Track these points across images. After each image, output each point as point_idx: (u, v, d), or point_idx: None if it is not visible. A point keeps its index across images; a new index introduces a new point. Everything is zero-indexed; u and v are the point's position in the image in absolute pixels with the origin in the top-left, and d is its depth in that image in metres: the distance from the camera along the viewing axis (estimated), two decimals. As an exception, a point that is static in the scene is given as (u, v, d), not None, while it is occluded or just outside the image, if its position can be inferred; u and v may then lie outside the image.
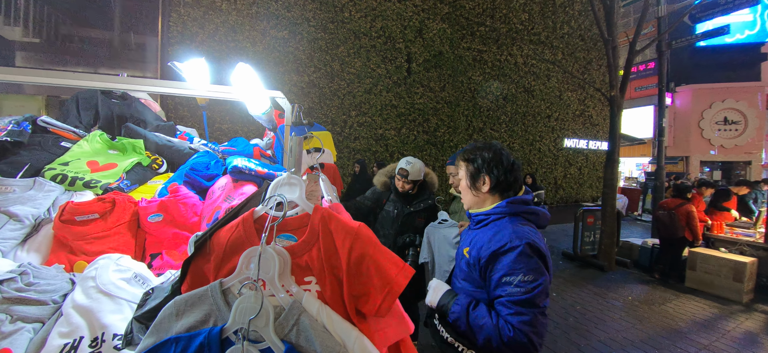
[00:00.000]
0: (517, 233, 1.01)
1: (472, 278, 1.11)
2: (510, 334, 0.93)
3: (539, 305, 0.95)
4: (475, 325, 0.99)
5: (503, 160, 1.13)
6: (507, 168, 1.12)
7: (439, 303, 1.12)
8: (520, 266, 0.96)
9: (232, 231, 0.57)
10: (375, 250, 0.54)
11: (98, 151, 1.29)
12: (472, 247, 1.10)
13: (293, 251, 0.54)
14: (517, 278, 0.96)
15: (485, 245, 1.04)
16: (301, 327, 0.46)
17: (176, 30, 6.11)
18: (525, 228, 1.04)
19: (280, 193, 0.56)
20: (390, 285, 0.53)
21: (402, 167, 2.16)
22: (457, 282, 1.19)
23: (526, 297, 0.94)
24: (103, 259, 0.76)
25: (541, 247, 1.01)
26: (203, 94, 1.00)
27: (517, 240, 0.99)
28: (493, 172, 1.12)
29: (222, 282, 0.51)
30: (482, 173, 1.14)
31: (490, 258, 1.02)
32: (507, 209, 1.09)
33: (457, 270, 1.21)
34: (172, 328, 0.52)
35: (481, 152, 1.15)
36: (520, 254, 0.97)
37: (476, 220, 1.17)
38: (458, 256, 1.22)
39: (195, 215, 1.04)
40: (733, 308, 4.09)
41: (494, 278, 1.00)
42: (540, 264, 0.98)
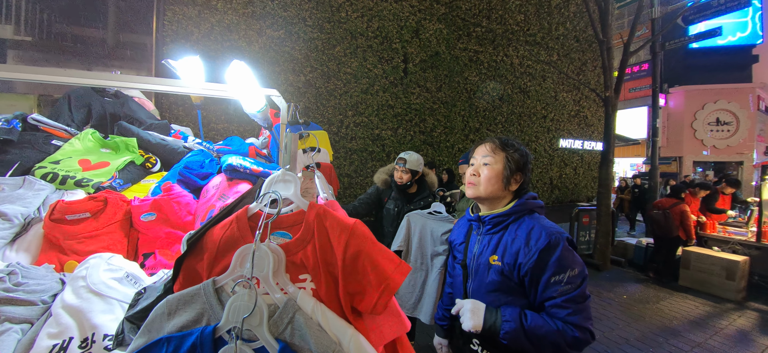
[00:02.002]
0: (550, 230, 0.98)
1: (506, 287, 1.02)
2: (575, 334, 0.90)
3: (588, 295, 0.94)
4: (535, 336, 0.92)
5: (530, 163, 1.11)
6: (530, 171, 1.12)
7: (486, 324, 0.99)
8: (566, 262, 0.94)
9: (226, 229, 0.56)
10: (371, 247, 0.54)
11: (90, 149, 1.27)
12: (504, 253, 1.02)
13: (288, 248, 0.53)
14: (566, 275, 0.93)
15: (524, 248, 0.98)
16: (295, 325, 0.45)
17: (171, 29, 6.06)
18: (550, 222, 1.03)
19: (274, 190, 0.55)
20: (386, 282, 0.52)
21: (401, 156, 2.19)
22: (483, 295, 1.07)
23: (578, 291, 0.92)
24: (94, 258, 0.74)
25: (569, 243, 0.99)
26: (198, 92, 0.99)
27: (556, 236, 0.96)
28: (526, 174, 1.09)
29: (215, 280, 0.51)
30: (519, 172, 1.08)
31: (537, 261, 0.95)
32: (528, 207, 1.05)
33: (481, 281, 1.08)
34: (163, 328, 0.51)
35: (520, 149, 1.10)
36: (563, 250, 0.94)
37: (493, 223, 1.08)
38: (477, 266, 1.09)
39: (189, 214, 1.03)
40: (726, 306, 4.14)
41: (542, 279, 0.95)
42: (577, 254, 0.98)
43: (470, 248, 1.15)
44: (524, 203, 1.05)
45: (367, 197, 2.33)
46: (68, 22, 6.69)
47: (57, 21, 6.68)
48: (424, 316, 1.71)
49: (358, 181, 6.63)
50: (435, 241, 1.74)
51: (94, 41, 6.70)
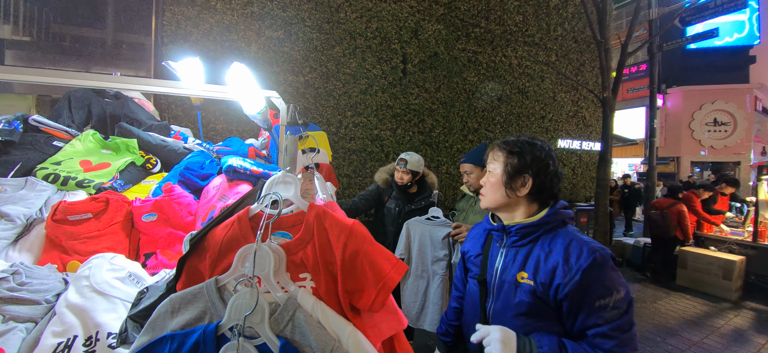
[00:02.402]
0: (592, 245, 0.85)
1: (539, 311, 0.88)
2: None
3: (633, 320, 0.82)
4: None
5: (551, 165, 0.96)
6: (553, 174, 0.95)
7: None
8: (611, 283, 0.81)
9: (228, 229, 0.57)
10: (369, 246, 0.55)
11: (91, 150, 1.28)
12: (536, 271, 0.89)
13: (288, 248, 0.55)
14: (612, 299, 0.80)
15: (563, 266, 0.84)
16: (296, 322, 0.47)
17: (170, 29, 6.05)
18: (588, 238, 0.90)
19: (275, 191, 0.56)
20: (384, 280, 0.53)
21: (401, 157, 2.21)
22: (508, 320, 0.92)
23: (625, 318, 0.80)
24: (97, 258, 0.75)
25: (613, 265, 0.86)
26: (198, 93, 1.00)
27: (600, 253, 0.83)
28: (540, 175, 0.94)
29: (217, 279, 0.52)
30: (526, 173, 0.95)
31: (580, 282, 0.82)
32: (559, 217, 0.93)
33: (507, 302, 0.93)
34: (167, 326, 0.53)
35: (531, 148, 0.96)
36: (608, 269, 0.83)
37: (522, 233, 0.94)
38: (501, 284, 0.95)
39: (190, 214, 1.04)
40: (723, 305, 4.17)
41: (586, 304, 0.82)
42: (619, 273, 0.85)
43: (490, 262, 0.99)
44: (557, 213, 0.93)
45: (367, 194, 2.34)
46: (67, 22, 6.68)
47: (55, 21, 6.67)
48: (428, 325, 1.72)
49: (356, 181, 6.64)
50: (435, 246, 1.75)
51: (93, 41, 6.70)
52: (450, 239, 1.71)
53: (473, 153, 1.98)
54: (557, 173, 0.97)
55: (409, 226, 1.86)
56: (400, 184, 2.18)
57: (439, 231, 1.75)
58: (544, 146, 0.99)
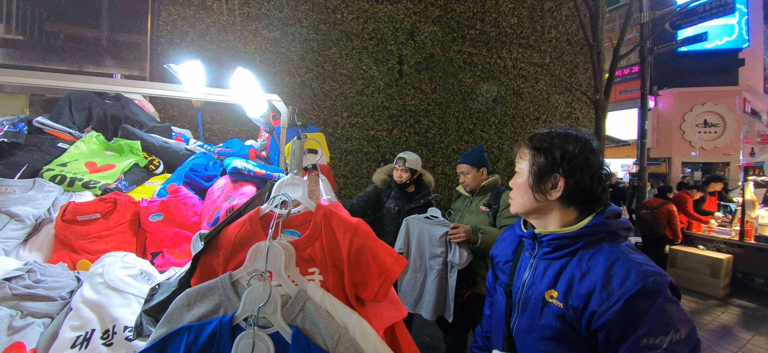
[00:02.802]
0: (645, 268, 0.68)
1: (568, 338, 0.74)
2: None
3: None
4: None
5: (592, 161, 0.78)
6: (595, 173, 0.77)
7: None
8: (667, 319, 0.63)
9: (239, 228, 0.61)
10: (373, 242, 0.60)
11: (95, 152, 1.31)
12: (568, 291, 0.73)
13: (297, 245, 0.59)
14: (667, 338, 0.63)
15: (602, 291, 0.68)
16: (306, 312, 0.51)
17: (166, 29, 6.03)
18: (639, 257, 0.72)
19: (284, 192, 0.60)
20: (386, 273, 0.58)
21: (400, 156, 2.26)
22: (531, 344, 0.80)
23: None
24: (110, 257, 0.79)
25: (673, 282, 0.69)
26: (203, 96, 1.03)
27: (654, 279, 0.66)
28: (574, 174, 0.77)
29: (231, 274, 0.56)
30: (556, 172, 0.79)
31: (624, 311, 0.65)
32: (607, 228, 0.75)
33: (533, 323, 0.79)
34: (183, 318, 0.56)
35: (562, 141, 0.80)
36: (665, 301, 0.64)
37: (554, 245, 0.79)
38: (527, 300, 0.82)
39: (195, 214, 1.08)
40: (711, 302, 4.28)
41: (629, 340, 0.65)
42: (684, 311, 0.67)
43: (519, 272, 0.86)
44: (603, 224, 0.75)
45: (366, 195, 2.39)
46: (61, 20, 6.63)
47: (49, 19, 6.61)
48: (425, 313, 1.80)
49: (353, 182, 6.68)
50: (433, 244, 1.82)
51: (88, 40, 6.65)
52: (447, 237, 1.77)
53: (470, 154, 2.04)
54: (599, 171, 0.78)
55: (408, 222, 1.92)
56: (399, 182, 2.23)
57: (437, 230, 1.81)
58: (581, 137, 0.81)
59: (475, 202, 1.99)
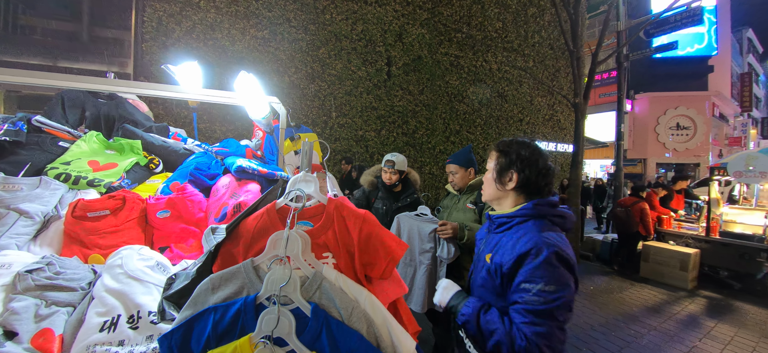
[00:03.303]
0: (543, 239, 0.92)
1: (492, 286, 1.01)
2: (522, 344, 0.86)
3: (558, 318, 0.87)
4: (486, 329, 0.94)
5: (539, 162, 1.04)
6: (540, 170, 1.03)
7: (449, 303, 1.07)
8: (542, 274, 0.88)
9: (258, 220, 0.68)
10: (379, 230, 0.68)
11: (96, 151, 1.33)
12: (495, 253, 1.01)
13: (312, 233, 0.66)
14: (537, 286, 0.88)
15: (508, 251, 0.96)
16: (323, 290, 0.58)
17: (151, 25, 5.91)
18: (552, 234, 0.96)
19: (299, 188, 0.68)
20: (391, 254, 0.67)
21: (388, 159, 2.33)
22: (475, 288, 1.11)
23: (543, 307, 0.86)
24: (127, 249, 0.84)
25: (569, 256, 0.92)
26: (208, 99, 1.08)
27: (544, 246, 0.90)
28: (524, 171, 1.03)
29: (253, 260, 0.63)
30: (512, 169, 1.05)
31: (513, 265, 0.93)
32: (533, 212, 1.00)
33: (477, 276, 1.11)
34: (208, 300, 0.63)
35: (518, 147, 1.07)
36: (544, 261, 0.89)
37: (498, 223, 1.07)
38: (478, 261, 1.12)
39: (200, 211, 1.13)
40: (680, 294, 4.57)
41: (514, 282, 0.93)
42: (565, 275, 0.90)
43: (482, 244, 1.16)
44: (531, 208, 1.01)
45: (356, 202, 2.43)
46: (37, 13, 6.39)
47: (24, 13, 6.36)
48: (415, 306, 1.88)
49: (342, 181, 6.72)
50: (422, 240, 1.91)
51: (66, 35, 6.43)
52: (436, 234, 1.87)
53: (458, 155, 2.14)
54: (544, 169, 1.04)
55: (399, 220, 2.01)
56: (388, 184, 2.31)
57: (426, 227, 1.90)
58: (532, 145, 1.08)
59: (462, 200, 2.10)
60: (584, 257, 5.95)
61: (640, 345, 3.20)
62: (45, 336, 0.68)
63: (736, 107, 19.53)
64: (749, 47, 24.44)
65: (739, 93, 20.16)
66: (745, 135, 19.54)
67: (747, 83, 20.00)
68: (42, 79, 1.39)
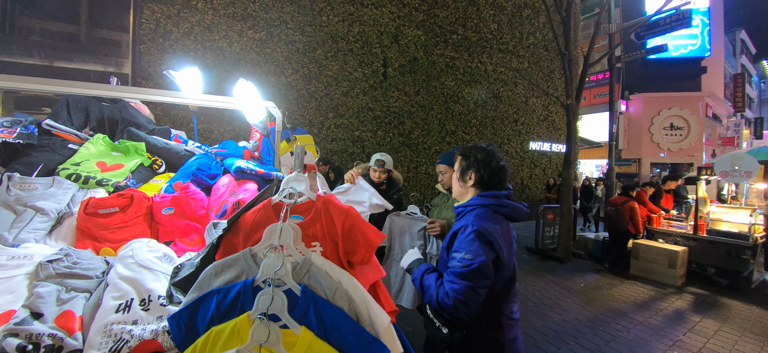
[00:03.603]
0: (473, 221, 1.16)
1: (443, 260, 1.28)
2: (441, 295, 1.13)
3: (471, 280, 1.09)
4: (425, 285, 1.23)
5: (492, 162, 1.27)
6: (493, 170, 1.26)
7: (409, 266, 1.38)
8: (464, 246, 1.13)
9: (256, 214, 0.77)
10: (360, 222, 0.79)
11: (103, 153, 1.42)
12: (449, 233, 1.28)
13: (303, 226, 0.76)
14: (460, 254, 1.13)
15: (453, 231, 1.24)
16: (311, 273, 0.68)
17: (149, 27, 5.97)
18: (483, 218, 1.17)
19: (292, 186, 0.77)
20: (371, 243, 0.78)
21: (378, 158, 2.45)
22: (440, 265, 1.35)
23: (461, 270, 1.10)
24: (136, 242, 0.93)
25: (488, 233, 1.13)
26: (208, 104, 1.17)
27: (470, 226, 1.16)
28: (480, 170, 1.26)
29: (251, 249, 0.72)
30: (471, 169, 1.29)
31: (450, 239, 1.23)
32: (478, 202, 1.25)
33: (441, 255, 1.37)
34: (212, 284, 0.72)
35: (476, 151, 1.30)
36: (467, 237, 1.14)
37: (457, 212, 1.32)
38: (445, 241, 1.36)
39: (202, 208, 1.22)
40: (668, 290, 4.69)
41: (450, 251, 1.21)
42: (482, 248, 1.11)
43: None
44: (477, 199, 1.27)
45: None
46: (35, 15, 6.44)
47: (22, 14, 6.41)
48: (405, 302, 1.97)
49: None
50: (413, 237, 2.00)
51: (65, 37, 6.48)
52: (425, 231, 1.96)
53: (447, 155, 2.24)
54: (496, 169, 1.27)
55: (391, 219, 2.10)
56: (377, 182, 2.41)
57: (416, 225, 2.00)
58: (488, 149, 1.31)
59: (451, 199, 2.19)
60: (577, 256, 6.07)
61: (627, 340, 3.31)
62: (67, 316, 0.77)
63: (729, 107, 19.74)
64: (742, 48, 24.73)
65: (732, 94, 20.39)
66: (738, 135, 19.76)
67: (740, 84, 20.23)
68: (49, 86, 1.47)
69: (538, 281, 4.82)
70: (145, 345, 0.70)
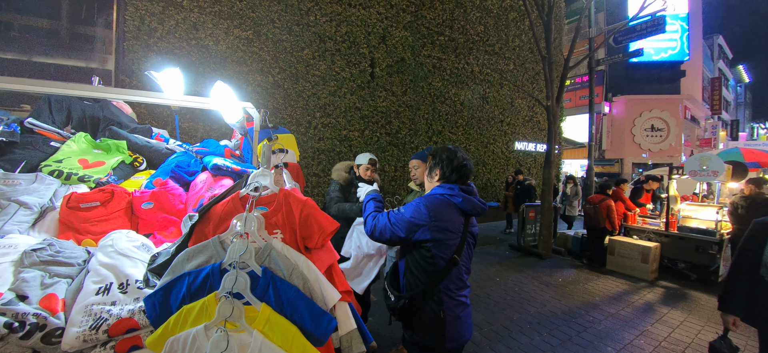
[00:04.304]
0: (422, 198, 1.39)
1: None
2: (369, 220, 1.41)
3: (391, 223, 1.34)
4: (366, 210, 1.50)
5: (454, 161, 1.45)
6: (455, 167, 1.44)
7: (366, 198, 1.58)
8: (406, 206, 1.38)
9: (225, 205, 0.86)
10: (316, 212, 0.89)
11: (85, 150, 1.48)
12: None
13: (267, 216, 0.85)
14: (402, 212, 1.36)
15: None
16: (271, 257, 0.77)
17: (133, 24, 5.91)
18: (431, 200, 1.38)
19: (257, 180, 0.86)
20: (324, 230, 0.88)
21: (372, 157, 2.59)
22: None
23: (392, 214, 1.36)
24: (117, 233, 1.00)
25: (428, 206, 1.33)
26: (186, 104, 1.24)
27: (414, 202, 1.39)
28: (444, 168, 1.46)
29: (219, 236, 0.81)
30: (437, 166, 1.48)
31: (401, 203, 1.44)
32: (435, 191, 1.44)
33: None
34: (184, 268, 0.81)
35: (442, 152, 1.49)
36: (413, 207, 1.36)
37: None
38: None
39: (180, 203, 1.29)
40: (640, 285, 4.92)
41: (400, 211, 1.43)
42: (415, 212, 1.33)
43: None
44: (433, 190, 1.47)
45: (334, 197, 2.55)
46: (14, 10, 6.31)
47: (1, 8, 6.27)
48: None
49: (325, 180, 6.87)
50: None
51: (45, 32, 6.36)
52: None
53: (420, 153, 2.36)
54: (457, 166, 1.45)
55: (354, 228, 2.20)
56: (368, 179, 2.53)
57: None
58: (452, 149, 1.49)
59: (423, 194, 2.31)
60: (556, 252, 6.29)
61: (597, 330, 3.49)
62: (50, 299, 0.84)
63: (706, 109, 20.49)
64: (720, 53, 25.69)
65: (710, 97, 21.18)
66: (715, 137, 20.55)
67: (717, 87, 21.03)
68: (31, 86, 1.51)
69: (518, 277, 5.00)
70: (122, 323, 0.78)
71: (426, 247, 1.31)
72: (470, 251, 1.43)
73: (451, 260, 1.31)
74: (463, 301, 1.37)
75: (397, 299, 1.37)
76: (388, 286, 1.46)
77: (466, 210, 1.39)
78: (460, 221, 1.37)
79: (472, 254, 1.45)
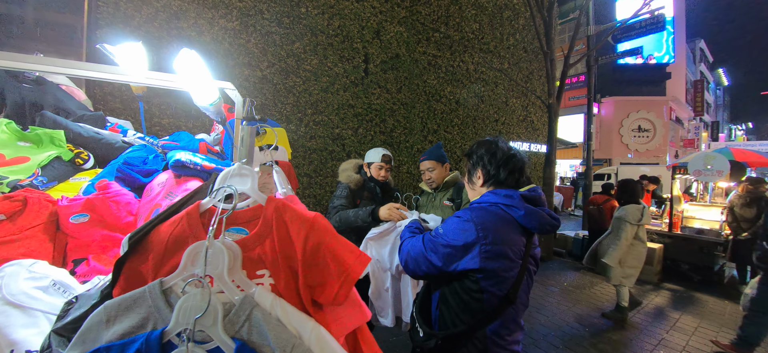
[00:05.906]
0: (466, 212, 1.03)
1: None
2: (405, 247, 1.13)
3: (429, 250, 1.03)
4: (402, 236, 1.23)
5: (497, 154, 1.10)
6: (500, 162, 1.08)
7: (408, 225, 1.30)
8: (450, 228, 1.03)
9: (175, 226, 0.52)
10: (331, 238, 0.53)
11: (5, 142, 1.10)
12: None
13: (244, 244, 0.51)
14: (442, 235, 1.03)
15: None
16: (253, 322, 0.44)
17: (106, 10, 5.40)
18: (482, 211, 1.02)
19: (229, 184, 0.52)
20: (347, 272, 0.52)
21: (386, 153, 2.08)
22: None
23: (430, 237, 1.06)
24: (11, 266, 0.65)
25: (476, 221, 0.97)
26: (142, 81, 0.90)
27: (461, 213, 1.05)
28: (486, 167, 1.10)
29: (162, 281, 0.47)
30: (477, 167, 1.13)
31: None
32: (485, 199, 1.06)
33: None
34: (101, 337, 0.47)
35: (478, 148, 1.15)
36: (452, 221, 1.04)
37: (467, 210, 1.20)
38: None
39: (129, 214, 0.94)
40: (646, 287, 4.76)
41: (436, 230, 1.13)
42: (458, 232, 0.99)
43: None
44: (483, 197, 1.09)
45: (341, 204, 2.05)
46: (-29, -6, 5.73)
47: (-47, -9, 5.68)
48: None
49: (317, 180, 6.51)
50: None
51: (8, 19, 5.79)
52: None
53: (433, 151, 2.04)
54: (507, 159, 1.08)
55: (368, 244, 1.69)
56: (383, 182, 2.10)
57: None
58: (490, 141, 1.16)
59: (439, 197, 1.99)
60: (557, 254, 6.09)
61: (613, 340, 3.26)
62: None
63: (690, 111, 21.01)
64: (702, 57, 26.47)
65: (693, 98, 21.74)
66: (697, 137, 21.07)
67: (700, 90, 21.59)
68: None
69: (522, 282, 4.76)
70: None
71: (473, 278, 0.95)
72: (530, 281, 1.04)
73: (506, 298, 0.94)
74: (515, 349, 1.01)
75: (426, 337, 1.03)
76: (416, 315, 1.12)
77: (530, 227, 1.00)
78: (521, 242, 0.99)
79: (532, 284, 1.06)
